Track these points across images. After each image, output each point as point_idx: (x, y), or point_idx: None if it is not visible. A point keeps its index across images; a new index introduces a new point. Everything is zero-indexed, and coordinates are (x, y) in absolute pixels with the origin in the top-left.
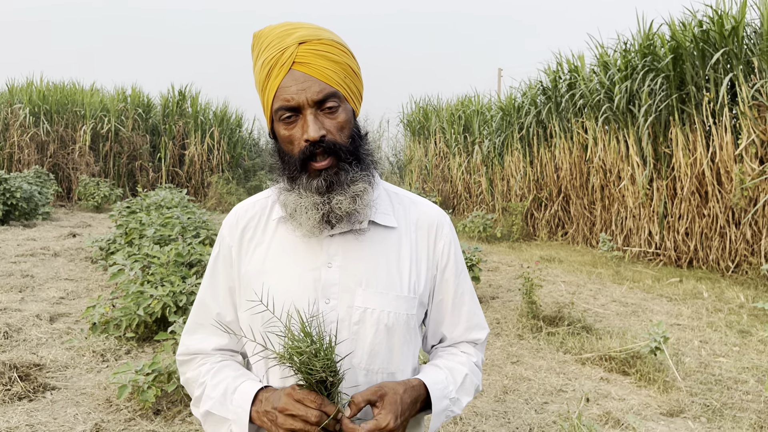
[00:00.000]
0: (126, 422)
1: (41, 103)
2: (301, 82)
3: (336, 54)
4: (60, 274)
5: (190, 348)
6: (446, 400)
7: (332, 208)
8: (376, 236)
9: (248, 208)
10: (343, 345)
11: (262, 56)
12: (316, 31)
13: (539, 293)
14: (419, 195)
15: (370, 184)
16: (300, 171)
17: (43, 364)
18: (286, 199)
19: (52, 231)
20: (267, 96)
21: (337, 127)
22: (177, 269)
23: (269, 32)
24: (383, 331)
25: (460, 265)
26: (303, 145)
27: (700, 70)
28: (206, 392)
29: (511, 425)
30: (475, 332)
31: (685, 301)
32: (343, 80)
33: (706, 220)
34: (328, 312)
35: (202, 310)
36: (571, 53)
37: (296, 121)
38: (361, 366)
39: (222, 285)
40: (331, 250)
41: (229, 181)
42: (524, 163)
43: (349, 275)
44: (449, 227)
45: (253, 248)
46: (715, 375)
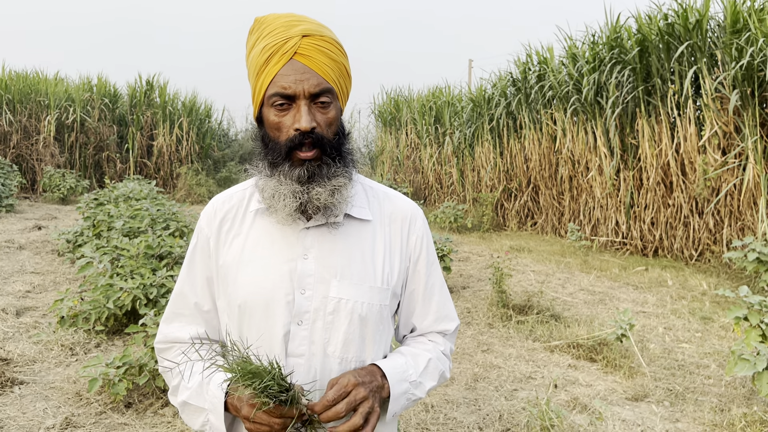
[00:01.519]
0: (97, 416)
1: (3, 92)
2: (300, 73)
3: (335, 53)
4: (26, 268)
5: (168, 336)
6: (405, 383)
7: (310, 198)
8: (351, 229)
9: (226, 200)
10: (318, 334)
11: (263, 41)
12: (319, 28)
13: (509, 282)
14: (390, 186)
15: (349, 180)
16: (284, 158)
17: (11, 359)
18: (266, 184)
19: (16, 224)
20: (262, 80)
21: (326, 122)
22: (147, 261)
23: (273, 20)
24: (357, 321)
25: (431, 258)
26: (292, 134)
27: (666, 63)
28: (183, 383)
29: (481, 412)
30: (444, 323)
31: (651, 289)
32: (338, 78)
33: (671, 209)
34: (303, 302)
35: (180, 299)
36: (540, 45)
37: (288, 109)
38: (336, 354)
39: (200, 275)
40: (307, 242)
41: (199, 172)
42: (494, 154)
43: (324, 266)
44: (422, 221)
45: (231, 239)
46: (678, 360)
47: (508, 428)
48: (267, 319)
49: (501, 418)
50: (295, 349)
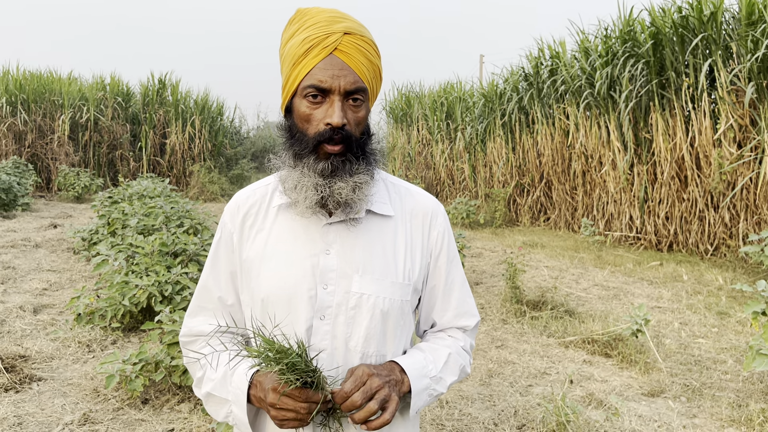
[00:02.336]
0: (114, 411)
1: (18, 92)
2: (338, 69)
3: (372, 54)
4: (42, 266)
5: (192, 330)
6: (426, 379)
7: (332, 193)
8: (372, 225)
9: (249, 195)
10: (340, 328)
11: (305, 33)
12: (360, 28)
13: (522, 278)
14: (403, 181)
15: (371, 178)
16: (310, 151)
17: (29, 356)
18: (289, 175)
19: (32, 222)
20: (299, 71)
21: (356, 121)
22: (162, 259)
23: (317, 13)
24: (378, 316)
25: (452, 254)
26: (322, 128)
27: (680, 56)
28: (207, 374)
29: (496, 408)
30: (464, 319)
31: (666, 284)
32: (372, 79)
33: (686, 204)
34: (325, 297)
35: (204, 293)
36: (552, 39)
37: (321, 103)
38: (357, 349)
39: (224, 270)
40: (329, 238)
41: (211, 170)
42: (506, 149)
43: (346, 262)
44: (443, 217)
45: (254, 234)
46: (694, 356)
47: (523, 424)
48: (290, 314)
49: (516, 413)
50: (318, 344)
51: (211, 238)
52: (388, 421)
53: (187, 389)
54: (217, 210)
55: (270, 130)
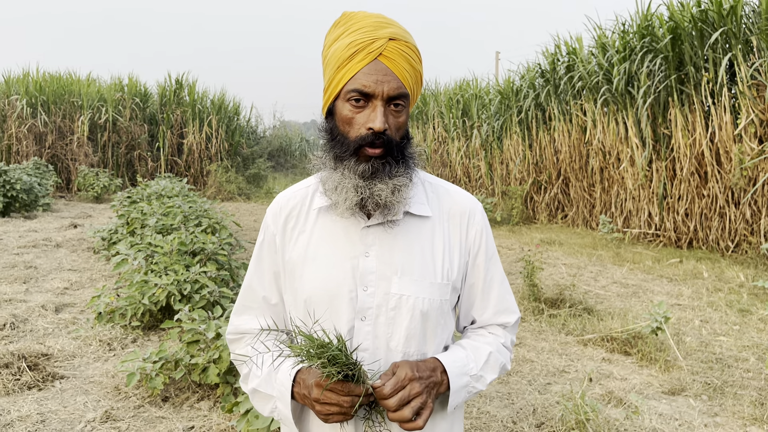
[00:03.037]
0: (135, 409)
1: (38, 93)
2: (382, 74)
3: (415, 60)
4: (63, 265)
5: (238, 328)
6: (466, 377)
7: (372, 194)
8: (411, 226)
9: (290, 197)
10: (381, 329)
11: (350, 37)
12: (405, 34)
13: (540, 276)
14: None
15: (410, 181)
16: (351, 154)
17: (51, 354)
18: (329, 176)
19: (53, 222)
20: (343, 74)
21: (396, 126)
22: (180, 258)
23: (363, 18)
24: (418, 317)
25: (490, 251)
26: (363, 132)
27: (699, 51)
28: (253, 371)
29: (515, 406)
30: (504, 316)
31: (686, 281)
32: (413, 85)
33: (706, 200)
34: (366, 299)
35: (249, 293)
36: (569, 35)
37: (364, 107)
38: (398, 349)
39: (267, 270)
40: (368, 240)
41: (228, 170)
42: (523, 146)
43: (385, 264)
44: (481, 215)
45: (296, 236)
46: (715, 354)
47: (542, 422)
48: (332, 314)
49: (535, 412)
50: (360, 344)
51: (229, 237)
52: (420, 427)
53: (206, 387)
54: (234, 209)
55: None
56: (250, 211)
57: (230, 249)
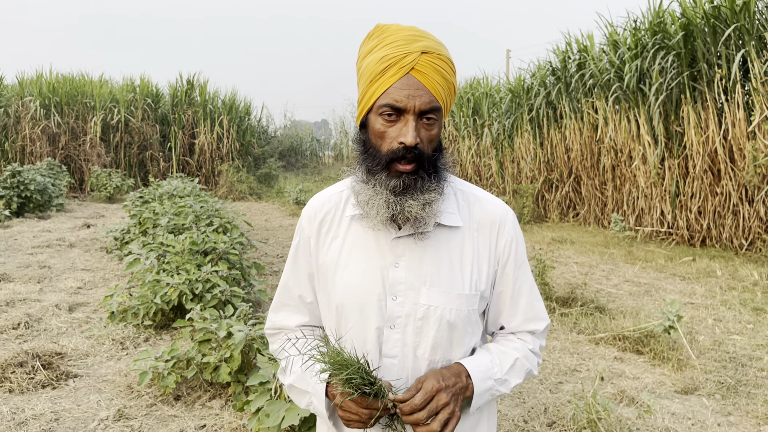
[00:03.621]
0: (147, 408)
1: (51, 95)
2: (414, 89)
3: (448, 72)
4: (76, 265)
5: (276, 324)
6: (490, 380)
7: (403, 210)
8: (440, 237)
9: (325, 202)
10: (410, 337)
11: (383, 51)
12: (437, 46)
13: (552, 275)
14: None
15: (441, 194)
16: (383, 168)
17: (65, 353)
18: (362, 190)
19: (66, 222)
20: (376, 89)
21: (428, 139)
22: (192, 257)
23: (396, 31)
24: (445, 327)
25: (519, 260)
26: (395, 146)
27: (712, 47)
28: (290, 366)
29: (526, 405)
30: (533, 323)
31: (699, 279)
32: (446, 98)
33: (719, 198)
34: (395, 308)
35: (285, 291)
36: (580, 33)
37: (396, 121)
38: (425, 357)
39: (303, 271)
40: (398, 251)
41: (240, 169)
42: (534, 144)
43: (414, 275)
44: (511, 224)
45: (330, 240)
46: (729, 353)
47: (553, 421)
48: (362, 321)
49: (546, 411)
50: (389, 351)
51: (240, 236)
52: None
53: (218, 386)
54: (245, 209)
55: (297, 129)
56: (261, 211)
57: (241, 248)
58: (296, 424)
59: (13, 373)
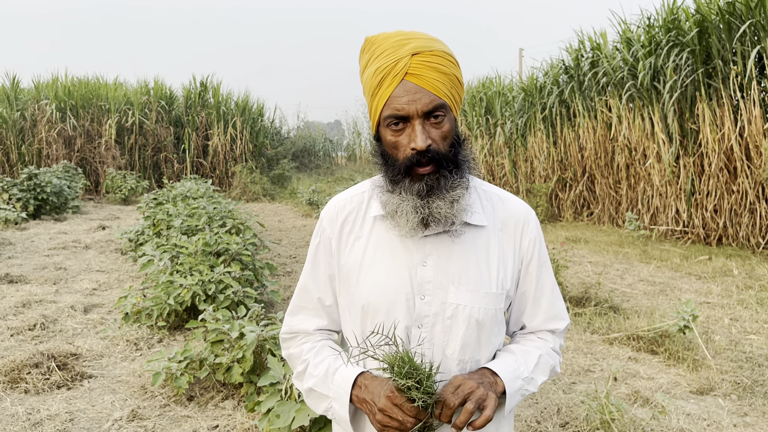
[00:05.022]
0: (161, 408)
1: (67, 98)
2: (412, 94)
3: (445, 65)
4: (92, 266)
5: (292, 327)
6: (519, 380)
7: (432, 212)
8: (467, 236)
9: (347, 202)
10: (438, 337)
11: (375, 63)
12: (428, 42)
13: (565, 274)
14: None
15: (467, 189)
16: (404, 175)
17: (80, 354)
18: (388, 199)
19: (82, 224)
20: (377, 103)
21: (441, 137)
22: (205, 258)
23: (383, 40)
24: (474, 326)
25: (542, 259)
26: (409, 153)
27: (727, 44)
28: (309, 370)
29: (539, 405)
30: (554, 322)
31: (715, 278)
32: (449, 90)
33: (735, 196)
34: (423, 307)
35: (304, 294)
36: (593, 31)
37: (404, 129)
38: (454, 357)
39: (323, 273)
40: (425, 250)
41: (253, 171)
42: (548, 143)
43: (442, 274)
44: (534, 223)
45: (352, 242)
46: (745, 352)
47: (566, 422)
48: (389, 321)
49: (559, 411)
50: (416, 351)
51: (253, 237)
52: (490, 418)
53: (230, 387)
54: (258, 210)
55: (310, 130)
56: (274, 212)
57: (254, 249)
58: (306, 424)
59: (28, 374)
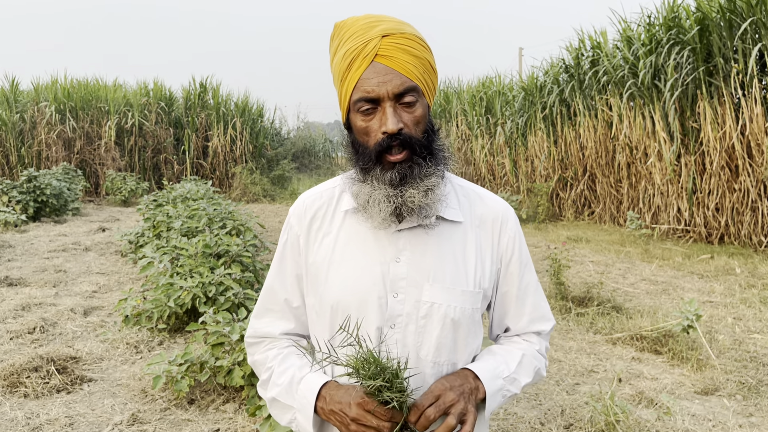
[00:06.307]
0: (161, 412)
1: (66, 100)
2: (382, 75)
3: (416, 49)
4: (92, 269)
5: (258, 331)
6: (499, 380)
7: (405, 201)
8: (442, 231)
9: (316, 198)
10: (411, 338)
11: (344, 47)
12: (398, 25)
13: (567, 274)
14: (472, 184)
15: (442, 178)
16: (375, 163)
17: (80, 357)
18: (359, 190)
19: (82, 226)
20: (346, 87)
21: (413, 122)
22: (205, 260)
23: (352, 23)
24: (449, 325)
25: (524, 258)
26: (380, 137)
27: (728, 41)
28: (273, 378)
29: (542, 407)
30: (539, 324)
31: (717, 277)
32: (421, 75)
33: (737, 194)
34: (396, 306)
35: (270, 295)
36: (593, 29)
37: (374, 113)
38: (428, 359)
39: (290, 272)
40: (399, 245)
41: (253, 171)
42: (548, 142)
43: (416, 270)
44: (513, 221)
45: (321, 238)
46: (750, 352)
47: (570, 423)
48: (359, 321)
49: (563, 413)
50: (389, 353)
51: (253, 239)
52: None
53: (231, 390)
54: (259, 211)
55: (310, 131)
56: (275, 213)
57: (255, 251)
58: None
59: (28, 378)
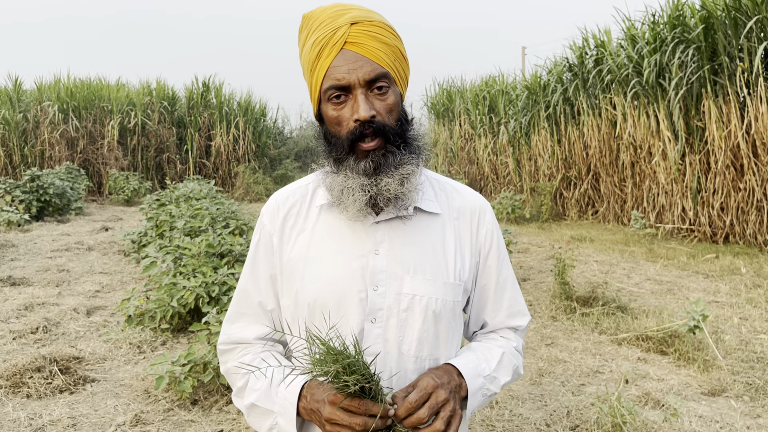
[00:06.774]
0: (164, 412)
1: (69, 99)
2: (352, 62)
3: (386, 36)
4: (94, 268)
5: (231, 337)
6: (480, 378)
7: (380, 191)
8: (421, 222)
9: (289, 195)
10: (392, 332)
11: (313, 36)
12: (367, 13)
13: (571, 274)
14: (448, 179)
15: (417, 167)
16: (347, 152)
17: (82, 357)
18: (333, 181)
19: (85, 225)
20: (316, 76)
21: (386, 109)
22: (208, 260)
23: (320, 13)
24: (431, 318)
25: (502, 252)
26: (352, 126)
27: (733, 40)
28: (250, 384)
29: (548, 408)
30: (516, 319)
31: (723, 277)
32: (393, 62)
33: (742, 193)
34: (377, 299)
35: (243, 298)
36: (597, 28)
37: (345, 101)
38: (410, 353)
39: (263, 273)
40: (377, 237)
41: (256, 171)
42: (552, 142)
43: (396, 262)
44: (491, 214)
45: (296, 235)
46: (756, 352)
47: (576, 425)
48: (339, 317)
49: (569, 414)
50: (370, 348)
51: None
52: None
53: None
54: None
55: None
56: None
57: None
58: None
59: (30, 378)
